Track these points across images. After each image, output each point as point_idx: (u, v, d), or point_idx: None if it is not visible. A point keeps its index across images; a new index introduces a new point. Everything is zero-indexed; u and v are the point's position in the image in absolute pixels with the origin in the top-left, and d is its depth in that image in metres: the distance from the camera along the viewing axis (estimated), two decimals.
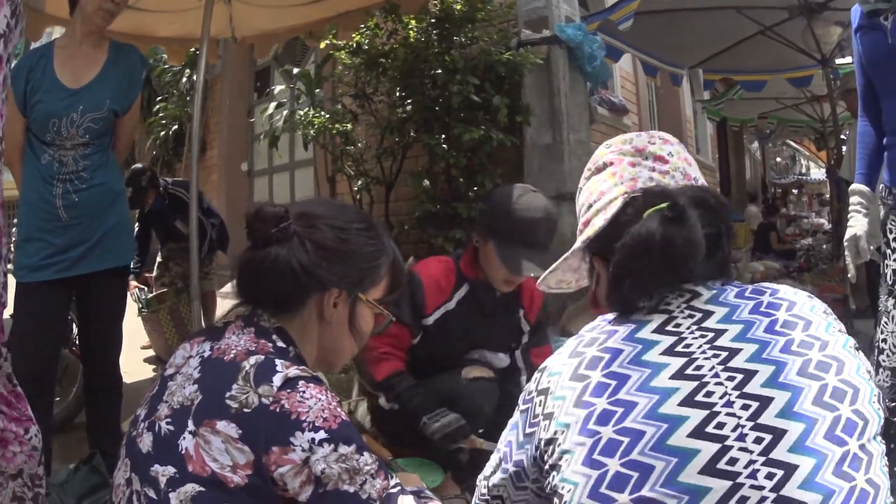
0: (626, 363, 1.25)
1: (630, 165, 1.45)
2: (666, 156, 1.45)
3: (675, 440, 1.15)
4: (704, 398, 1.18)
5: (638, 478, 1.15)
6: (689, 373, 1.21)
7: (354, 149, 6.88)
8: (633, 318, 1.32)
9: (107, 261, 3.22)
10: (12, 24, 1.66)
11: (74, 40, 3.17)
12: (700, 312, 1.29)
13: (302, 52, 9.98)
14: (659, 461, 1.14)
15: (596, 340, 1.32)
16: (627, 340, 1.28)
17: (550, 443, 1.28)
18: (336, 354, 1.74)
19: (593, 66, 6.35)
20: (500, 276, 2.93)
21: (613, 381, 1.24)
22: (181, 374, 1.50)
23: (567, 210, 6.20)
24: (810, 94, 11.01)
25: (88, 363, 3.40)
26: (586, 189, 1.52)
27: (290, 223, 1.58)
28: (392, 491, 1.47)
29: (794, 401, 1.16)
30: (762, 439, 1.13)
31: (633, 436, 1.17)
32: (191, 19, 4.97)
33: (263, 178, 11.32)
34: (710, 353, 1.22)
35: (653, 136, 1.49)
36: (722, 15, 7.24)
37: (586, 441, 1.21)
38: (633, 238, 1.29)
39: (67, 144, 3.09)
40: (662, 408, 1.18)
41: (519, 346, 3.22)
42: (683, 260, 1.27)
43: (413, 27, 6.05)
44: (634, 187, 1.41)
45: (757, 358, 1.21)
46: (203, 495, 1.34)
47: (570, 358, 1.33)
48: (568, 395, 1.27)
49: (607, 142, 1.54)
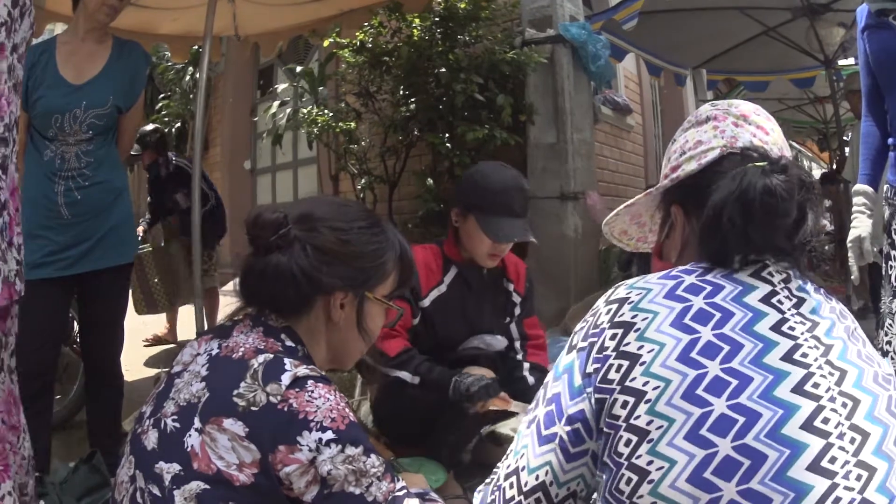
0: (739, 329, 1.17)
1: (733, 125, 1.42)
2: (768, 129, 1.42)
3: (788, 430, 1.07)
4: (812, 389, 1.12)
5: (749, 466, 1.05)
6: (796, 358, 1.15)
7: (358, 147, 6.89)
8: (733, 276, 1.26)
9: (108, 259, 3.20)
10: (14, 14, 1.65)
11: (77, 36, 3.16)
12: (795, 297, 1.25)
13: (305, 51, 9.98)
14: (773, 451, 1.05)
15: (700, 290, 1.23)
16: (736, 303, 1.21)
17: (634, 394, 1.14)
18: (346, 354, 1.73)
19: (597, 65, 6.34)
20: (484, 250, 2.97)
21: (727, 345, 1.14)
22: (188, 371, 1.49)
23: (571, 210, 6.20)
24: (813, 96, 11.00)
25: (89, 361, 3.38)
26: (682, 138, 1.48)
27: (290, 228, 1.57)
28: (398, 494, 1.46)
29: (873, 406, 1.14)
30: (855, 440, 1.09)
31: (749, 416, 1.08)
32: (194, 16, 4.95)
33: (266, 177, 11.32)
34: (812, 342, 1.18)
35: (759, 109, 1.47)
36: (725, 15, 7.23)
37: (693, 410, 1.10)
38: (731, 180, 1.26)
39: (70, 140, 3.07)
40: (777, 391, 1.11)
41: (514, 320, 3.26)
42: (779, 213, 1.22)
43: (417, 25, 6.04)
44: (734, 144, 1.38)
45: (843, 357, 1.19)
46: (208, 493, 1.32)
47: (669, 300, 1.22)
48: (669, 342, 1.16)
49: (712, 101, 1.52)
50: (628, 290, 1.28)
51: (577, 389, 1.23)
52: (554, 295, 6.13)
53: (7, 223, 1.74)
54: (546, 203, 6.32)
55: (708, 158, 1.38)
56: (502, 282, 3.22)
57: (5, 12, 1.60)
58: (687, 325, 1.17)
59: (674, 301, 1.22)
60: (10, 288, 1.73)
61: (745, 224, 1.23)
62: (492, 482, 1.33)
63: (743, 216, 1.23)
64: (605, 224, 1.68)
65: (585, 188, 6.43)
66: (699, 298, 1.21)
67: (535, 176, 6.41)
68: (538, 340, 3.31)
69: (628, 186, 8.49)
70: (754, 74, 9.17)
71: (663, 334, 1.17)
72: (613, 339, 1.21)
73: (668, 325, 1.18)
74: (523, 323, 3.29)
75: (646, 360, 1.15)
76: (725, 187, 1.26)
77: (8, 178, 1.73)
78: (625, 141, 9.10)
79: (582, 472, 1.22)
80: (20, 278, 1.81)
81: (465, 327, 3.09)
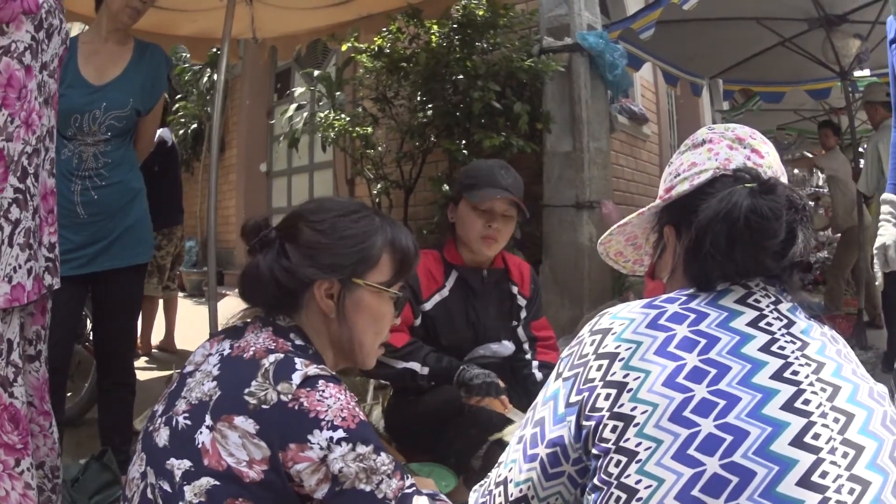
0: (725, 353, 1.18)
1: (728, 147, 1.44)
2: (763, 153, 1.44)
3: (777, 446, 1.09)
4: (803, 405, 1.13)
5: (737, 483, 1.06)
6: (787, 376, 1.16)
7: (374, 152, 6.89)
8: (717, 303, 1.28)
9: (123, 259, 3.22)
10: (40, 37, 1.84)
11: (100, 37, 3.18)
12: (785, 318, 1.26)
13: (323, 55, 10.01)
14: (761, 467, 1.07)
15: (684, 318, 1.25)
16: (722, 328, 1.22)
17: (623, 419, 1.17)
18: (353, 348, 1.72)
19: (614, 74, 6.34)
20: (476, 231, 2.95)
21: (713, 368, 1.16)
22: (200, 371, 1.52)
23: (586, 218, 6.19)
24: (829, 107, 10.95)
25: (102, 360, 3.40)
26: (678, 161, 1.50)
27: (271, 230, 1.66)
28: (407, 491, 1.47)
29: (868, 420, 1.15)
30: (848, 454, 1.10)
31: (736, 434, 1.09)
32: (212, 19, 4.99)
33: (282, 179, 11.36)
34: (803, 360, 1.20)
35: (755, 132, 1.49)
36: (742, 26, 7.21)
37: (681, 432, 1.11)
38: (719, 201, 1.27)
39: (88, 140, 3.09)
40: (766, 409, 1.12)
41: (520, 323, 3.22)
42: (765, 233, 1.23)
43: (435, 32, 6.05)
44: (728, 166, 1.40)
45: (837, 374, 1.20)
46: (218, 489, 1.34)
47: (652, 329, 1.24)
48: (654, 370, 1.18)
49: (710, 125, 1.54)
50: (612, 321, 1.31)
51: (560, 416, 1.29)
52: (568, 303, 6.14)
53: (38, 225, 1.86)
54: (561, 211, 6.33)
55: (700, 180, 1.40)
56: (506, 284, 3.18)
57: (28, 37, 1.79)
58: (671, 353, 1.20)
59: (657, 331, 1.24)
60: (40, 283, 1.85)
61: (730, 245, 1.25)
62: (485, 485, 1.44)
63: (728, 237, 1.25)
64: (600, 244, 1.71)
65: (601, 197, 6.42)
66: (682, 327, 1.24)
67: (550, 184, 6.42)
68: (548, 342, 3.29)
69: (643, 196, 8.48)
70: (770, 85, 9.14)
71: (648, 362, 1.20)
72: (599, 370, 1.25)
73: (651, 354, 1.21)
74: (531, 325, 3.25)
75: (632, 387, 1.18)
76: (712, 208, 1.28)
77: (40, 184, 1.87)
78: (640, 150, 9.09)
79: (559, 490, 1.31)
80: (51, 273, 1.94)
81: (470, 332, 3.06)
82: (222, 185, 11.38)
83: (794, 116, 12.14)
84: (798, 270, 1.34)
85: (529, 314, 3.25)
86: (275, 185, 11.53)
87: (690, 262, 1.33)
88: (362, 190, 7.70)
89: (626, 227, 1.62)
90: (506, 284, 3.19)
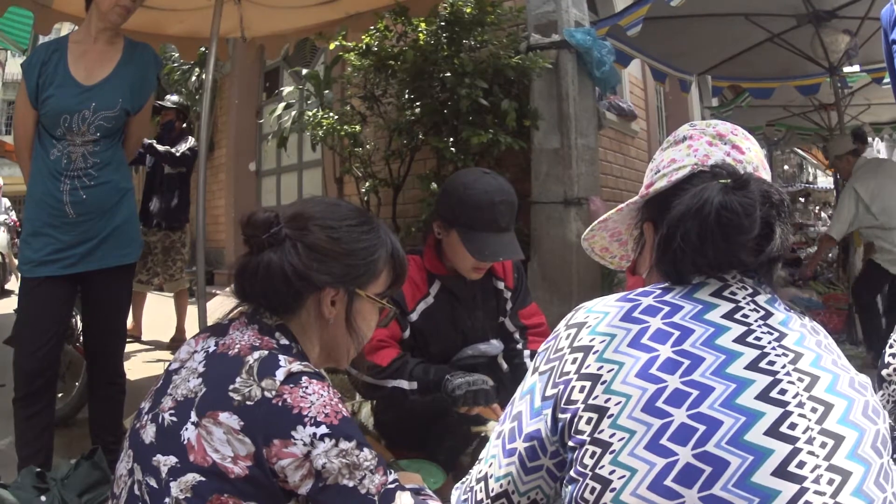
0: (699, 344, 1.19)
1: (708, 144, 1.44)
2: (744, 148, 1.44)
3: (752, 436, 1.09)
4: (779, 395, 1.14)
5: (710, 473, 1.07)
6: (762, 366, 1.17)
7: (362, 150, 6.90)
8: (692, 296, 1.29)
9: (112, 259, 3.22)
10: None
11: (89, 36, 3.18)
12: (763, 310, 1.27)
13: (311, 54, 10.00)
14: (735, 457, 1.07)
15: (658, 311, 1.26)
16: (696, 320, 1.23)
17: (597, 410, 1.17)
18: (339, 350, 1.75)
19: (602, 71, 6.34)
20: (468, 265, 2.87)
21: (686, 359, 1.17)
22: (186, 368, 1.52)
23: (574, 215, 6.20)
24: (818, 103, 10.98)
25: (92, 359, 3.41)
26: (659, 157, 1.51)
27: (282, 227, 1.61)
28: (390, 487, 1.47)
29: (848, 410, 1.16)
30: (826, 444, 1.11)
31: (709, 424, 1.10)
32: (200, 18, 4.98)
33: (271, 178, 11.35)
34: (779, 350, 1.20)
35: (737, 129, 1.49)
36: (731, 22, 7.23)
37: (654, 422, 1.12)
38: (692, 196, 1.28)
39: (77, 140, 3.09)
40: (740, 399, 1.12)
41: (507, 315, 3.18)
42: (736, 229, 1.24)
43: (422, 30, 6.05)
44: (706, 162, 1.40)
45: (816, 364, 1.21)
46: (204, 485, 1.35)
47: (627, 322, 1.25)
48: (627, 361, 1.19)
49: (693, 122, 1.54)
50: (586, 315, 1.34)
51: (537, 410, 1.30)
52: (556, 299, 6.14)
53: None
54: (549, 208, 6.34)
55: (678, 176, 1.41)
56: (489, 282, 3.12)
57: None
58: (645, 345, 1.20)
59: (630, 323, 1.25)
60: None
61: (701, 240, 1.26)
62: (467, 482, 1.45)
63: (699, 233, 1.26)
64: (584, 240, 1.71)
65: (589, 193, 6.42)
66: (657, 319, 1.24)
67: (538, 181, 6.43)
68: (539, 328, 3.24)
69: (632, 192, 8.34)
70: (759, 81, 9.15)
71: (622, 354, 1.21)
72: (574, 363, 1.26)
73: (625, 346, 1.21)
74: (518, 315, 3.21)
75: (606, 379, 1.19)
76: (684, 203, 1.29)
77: None
78: (629, 147, 9.11)
79: (539, 484, 1.31)
80: None
81: (459, 337, 3.03)
82: (211, 184, 11.37)
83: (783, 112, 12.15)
84: (777, 265, 1.35)
85: (516, 304, 3.21)
86: (264, 184, 11.51)
87: (661, 257, 1.34)
88: (351, 188, 7.70)
89: (607, 223, 1.62)
90: (489, 283, 3.13)
